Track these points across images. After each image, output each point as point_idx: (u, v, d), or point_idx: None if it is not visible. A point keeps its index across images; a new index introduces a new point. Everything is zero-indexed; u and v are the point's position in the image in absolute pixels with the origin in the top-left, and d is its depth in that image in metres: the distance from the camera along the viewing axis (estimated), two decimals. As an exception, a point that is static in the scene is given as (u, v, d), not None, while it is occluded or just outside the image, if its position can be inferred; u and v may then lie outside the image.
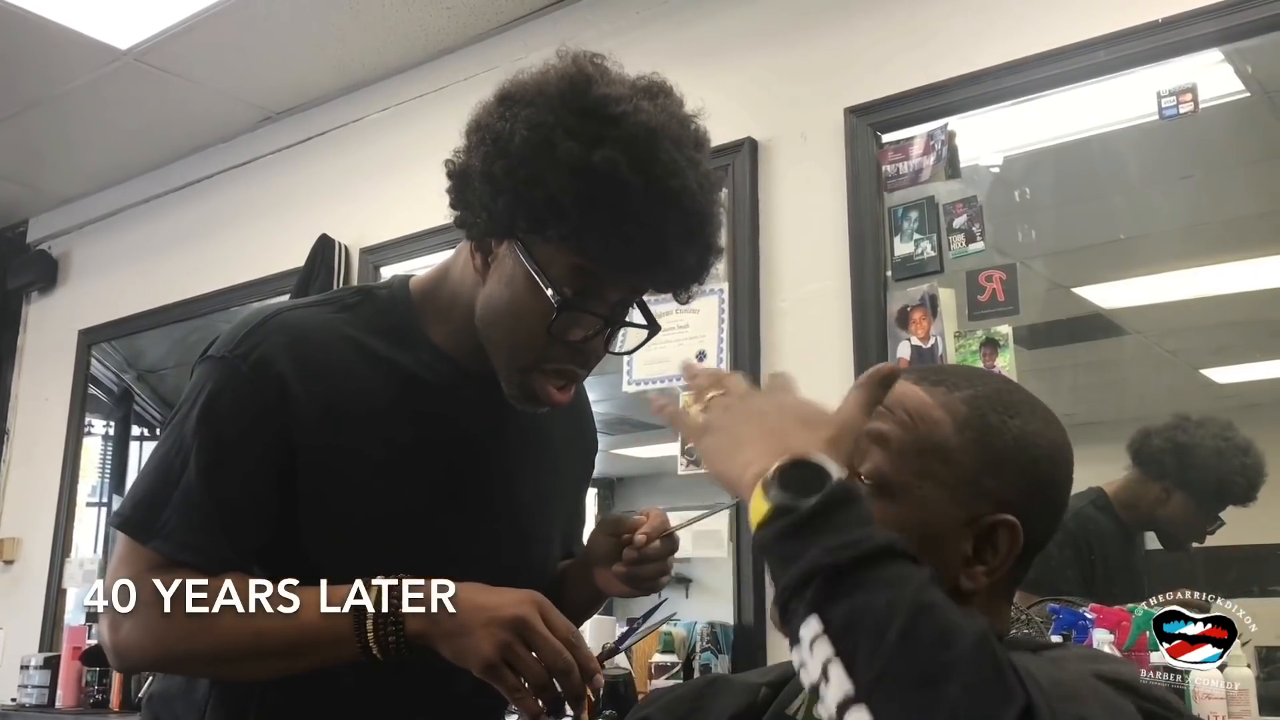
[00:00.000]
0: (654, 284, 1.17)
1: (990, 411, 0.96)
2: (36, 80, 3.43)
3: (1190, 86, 2.01)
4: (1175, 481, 2.06)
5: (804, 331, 2.40)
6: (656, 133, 1.07)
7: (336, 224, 3.34)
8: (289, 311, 1.21)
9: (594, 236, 1.08)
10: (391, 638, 1.06)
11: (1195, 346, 2.22)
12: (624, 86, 1.11)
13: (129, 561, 1.12)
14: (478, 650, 1.05)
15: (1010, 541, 0.93)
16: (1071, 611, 1.85)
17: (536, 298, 1.12)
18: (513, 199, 1.09)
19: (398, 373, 1.21)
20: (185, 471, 1.12)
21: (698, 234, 1.13)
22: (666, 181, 1.07)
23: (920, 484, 0.93)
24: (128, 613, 1.09)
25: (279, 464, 1.14)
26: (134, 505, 1.13)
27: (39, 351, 4.45)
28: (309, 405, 1.14)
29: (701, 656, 2.31)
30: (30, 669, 3.63)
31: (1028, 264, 2.22)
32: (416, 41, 3.17)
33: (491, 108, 1.14)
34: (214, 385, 1.14)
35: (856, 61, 2.43)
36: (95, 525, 4.12)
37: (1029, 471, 0.96)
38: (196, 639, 1.09)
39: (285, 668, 1.11)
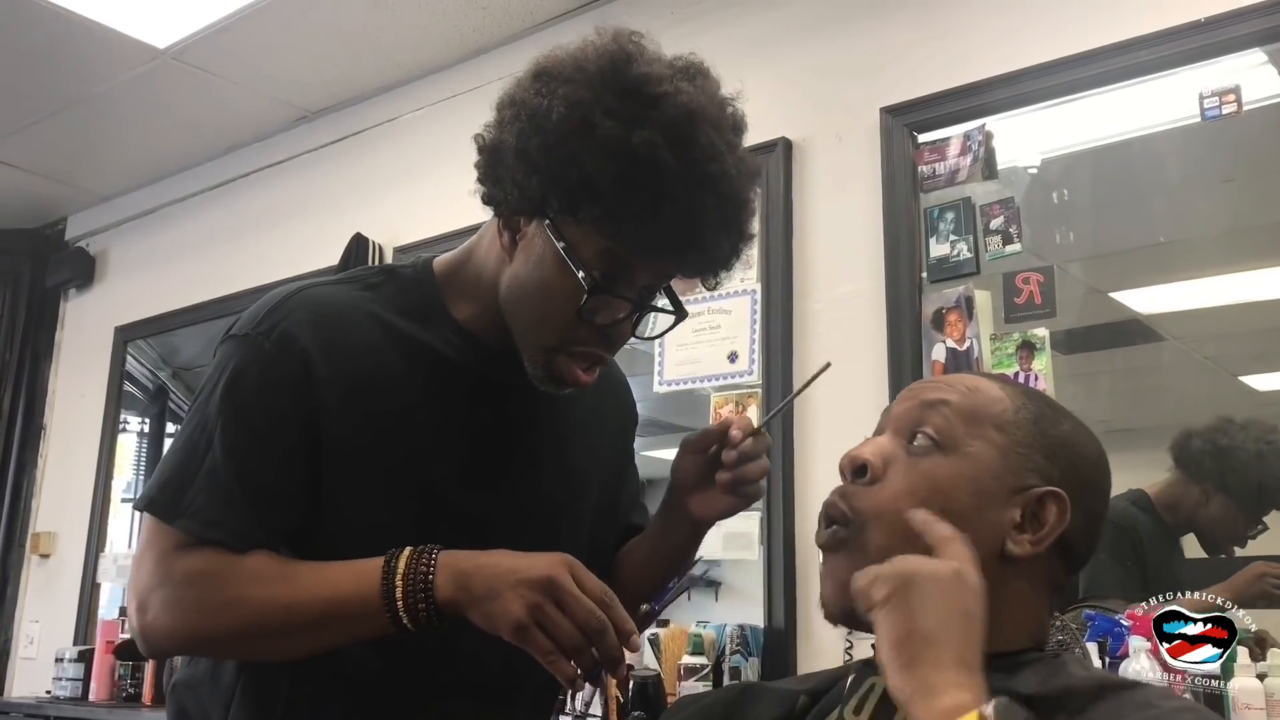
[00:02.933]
0: (685, 268, 1.15)
1: (1046, 407, 1.02)
2: (75, 79, 3.46)
3: (1234, 87, 1.98)
4: (1216, 483, 2.04)
5: (837, 333, 2.38)
6: (696, 115, 1.05)
7: (371, 223, 3.35)
8: (312, 288, 1.20)
9: (628, 218, 1.06)
10: (421, 605, 1.04)
11: (1234, 353, 2.19)
12: (663, 66, 1.09)
13: (155, 542, 1.10)
14: (507, 612, 1.02)
15: (1059, 515, 0.97)
16: (1107, 618, 1.82)
17: (566, 279, 1.10)
18: (547, 178, 1.07)
19: (422, 351, 1.19)
20: (211, 450, 1.10)
21: (733, 219, 1.11)
22: (705, 165, 1.05)
23: (973, 442, 0.97)
24: (155, 594, 1.08)
25: (305, 441, 1.12)
26: (160, 486, 1.12)
27: (76, 348, 4.49)
28: (333, 382, 1.13)
29: (731, 659, 2.29)
30: (65, 662, 3.67)
31: (1064, 267, 2.20)
32: (452, 41, 3.18)
33: (527, 83, 1.11)
34: (238, 363, 1.13)
35: (892, 61, 2.42)
36: (129, 521, 4.15)
37: (1079, 466, 1.00)
38: (224, 616, 1.08)
39: (316, 643, 1.09)
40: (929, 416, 0.99)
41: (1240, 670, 1.64)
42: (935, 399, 0.99)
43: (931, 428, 0.98)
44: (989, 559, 0.96)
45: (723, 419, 1.25)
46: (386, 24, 3.10)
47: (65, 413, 4.46)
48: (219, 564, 1.08)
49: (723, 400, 2.52)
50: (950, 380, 1.03)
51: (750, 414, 2.46)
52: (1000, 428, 0.98)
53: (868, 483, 0.97)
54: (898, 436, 1.00)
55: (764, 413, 2.42)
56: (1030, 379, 2.09)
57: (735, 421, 1.21)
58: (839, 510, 0.97)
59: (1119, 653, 1.75)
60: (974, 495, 0.96)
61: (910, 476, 0.97)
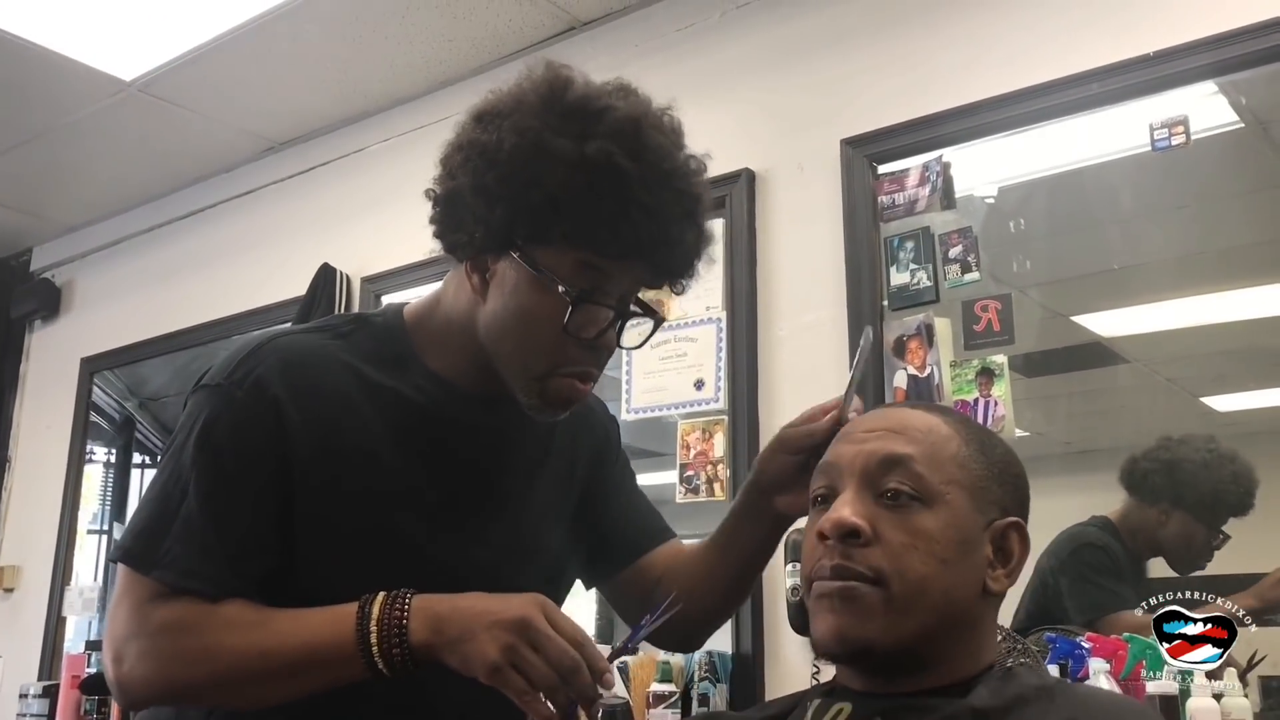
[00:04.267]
0: (657, 269, 1.18)
1: (979, 431, 1.07)
2: (42, 110, 3.46)
3: (1182, 119, 2.02)
4: (1170, 501, 2.06)
5: (801, 360, 2.41)
6: (640, 121, 1.11)
7: (338, 253, 3.36)
8: (283, 337, 1.21)
9: (600, 226, 1.09)
10: (396, 650, 1.05)
11: (1194, 375, 2.22)
12: (596, 87, 1.14)
13: (131, 592, 1.10)
14: (482, 654, 1.04)
15: (1021, 543, 1.03)
16: (1068, 640, 1.85)
17: (547, 300, 1.12)
18: (510, 206, 1.10)
19: (394, 398, 1.20)
20: (185, 499, 1.11)
21: (693, 212, 1.16)
22: (659, 164, 1.11)
23: (949, 489, 1.01)
24: (131, 645, 1.08)
25: (278, 488, 1.13)
26: (134, 536, 1.12)
27: (41, 379, 4.46)
28: (306, 430, 1.14)
29: (700, 686, 2.30)
30: (29, 697, 3.62)
31: (1024, 292, 2.23)
32: (418, 73, 3.20)
33: (470, 126, 1.16)
34: (210, 412, 1.14)
35: (852, 93, 2.46)
36: (96, 553, 4.11)
37: (1019, 485, 1.06)
38: (201, 665, 1.08)
39: (292, 690, 1.10)
40: (895, 472, 1.01)
41: (1197, 690, 1.66)
42: (897, 454, 1.02)
43: (905, 483, 1.00)
44: (973, 599, 1.00)
45: (816, 412, 1.23)
46: (353, 56, 3.12)
47: (30, 445, 4.42)
48: (194, 614, 1.09)
49: (690, 427, 2.53)
50: (892, 425, 1.05)
51: (717, 442, 2.48)
52: (961, 466, 1.02)
53: (862, 544, 0.99)
54: (864, 492, 1.02)
55: (730, 441, 2.44)
56: (990, 405, 2.12)
57: (829, 414, 1.19)
58: (855, 570, 0.99)
59: (1079, 675, 1.77)
60: (960, 542, 0.99)
61: (904, 532, 0.99)
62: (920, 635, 0.98)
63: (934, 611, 0.98)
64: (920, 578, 0.97)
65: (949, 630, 0.99)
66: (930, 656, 0.99)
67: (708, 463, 2.49)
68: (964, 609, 1.00)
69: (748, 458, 2.39)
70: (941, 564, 0.98)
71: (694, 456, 2.51)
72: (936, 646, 0.99)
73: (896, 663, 0.99)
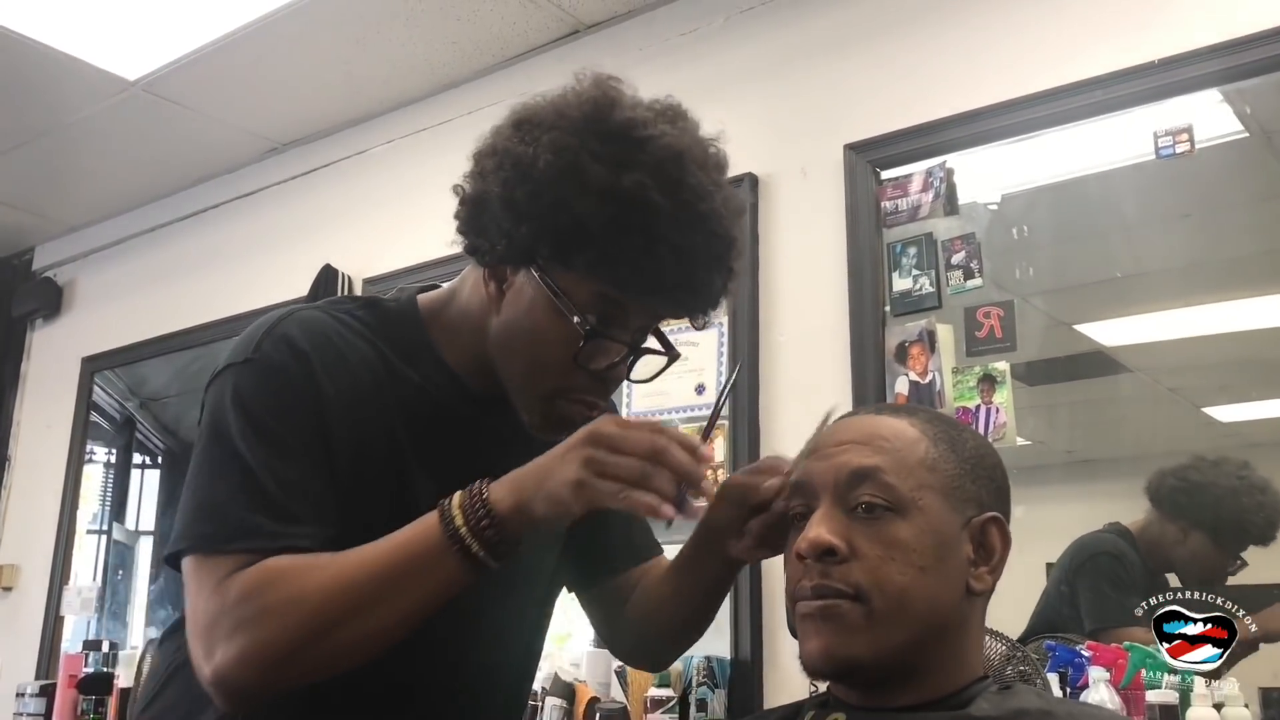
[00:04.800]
0: (677, 308, 1.15)
1: (948, 428, 1.06)
2: (45, 110, 3.46)
3: (1186, 127, 2.02)
4: (1192, 521, 2.03)
5: (803, 366, 2.40)
6: (682, 155, 1.06)
7: (340, 254, 3.35)
8: (301, 312, 1.18)
9: (623, 261, 1.06)
10: (485, 523, 1.01)
11: (1197, 384, 2.21)
12: (645, 110, 1.10)
13: (207, 579, 1.03)
14: (564, 480, 0.99)
15: (1002, 538, 1.02)
16: (1067, 649, 1.84)
17: (559, 326, 1.09)
18: (536, 225, 1.07)
19: (410, 385, 1.18)
20: (246, 473, 1.06)
21: (723, 257, 1.12)
22: (695, 205, 1.06)
23: (921, 495, 0.99)
24: (217, 629, 1.01)
25: (323, 444, 1.09)
26: (199, 522, 1.06)
27: (42, 378, 4.46)
28: (336, 398, 1.11)
29: (698, 691, 2.29)
30: (26, 697, 3.61)
31: (1027, 300, 2.23)
32: (422, 75, 3.20)
33: (508, 132, 1.11)
34: (246, 386, 1.10)
35: (856, 99, 2.45)
36: (95, 553, 4.11)
37: (994, 476, 1.05)
38: (291, 614, 1.00)
39: (391, 613, 1.02)
40: (865, 484, 1.00)
41: (1197, 700, 1.65)
42: (865, 466, 1.01)
43: (877, 494, 0.99)
44: (957, 603, 0.99)
45: (765, 470, 1.18)
46: (357, 58, 3.12)
47: (30, 444, 4.42)
48: (271, 568, 1.03)
49: (690, 432, 2.52)
50: (859, 436, 1.04)
51: (718, 448, 2.47)
52: (931, 469, 1.01)
53: (839, 561, 0.98)
54: (837, 508, 1.01)
55: (731, 447, 2.44)
56: (991, 412, 2.11)
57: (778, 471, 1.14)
58: (835, 588, 0.98)
59: (1079, 683, 1.77)
60: (937, 547, 0.99)
61: (880, 545, 0.98)
62: (907, 646, 0.97)
63: (918, 620, 0.97)
64: (900, 589, 0.96)
65: (936, 637, 0.99)
66: (920, 665, 0.99)
67: (708, 468, 2.47)
68: (949, 614, 0.99)
69: (748, 463, 2.37)
70: (920, 572, 0.97)
71: (694, 461, 2.49)
72: (925, 655, 0.99)
73: (886, 676, 0.99)
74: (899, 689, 0.99)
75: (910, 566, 0.97)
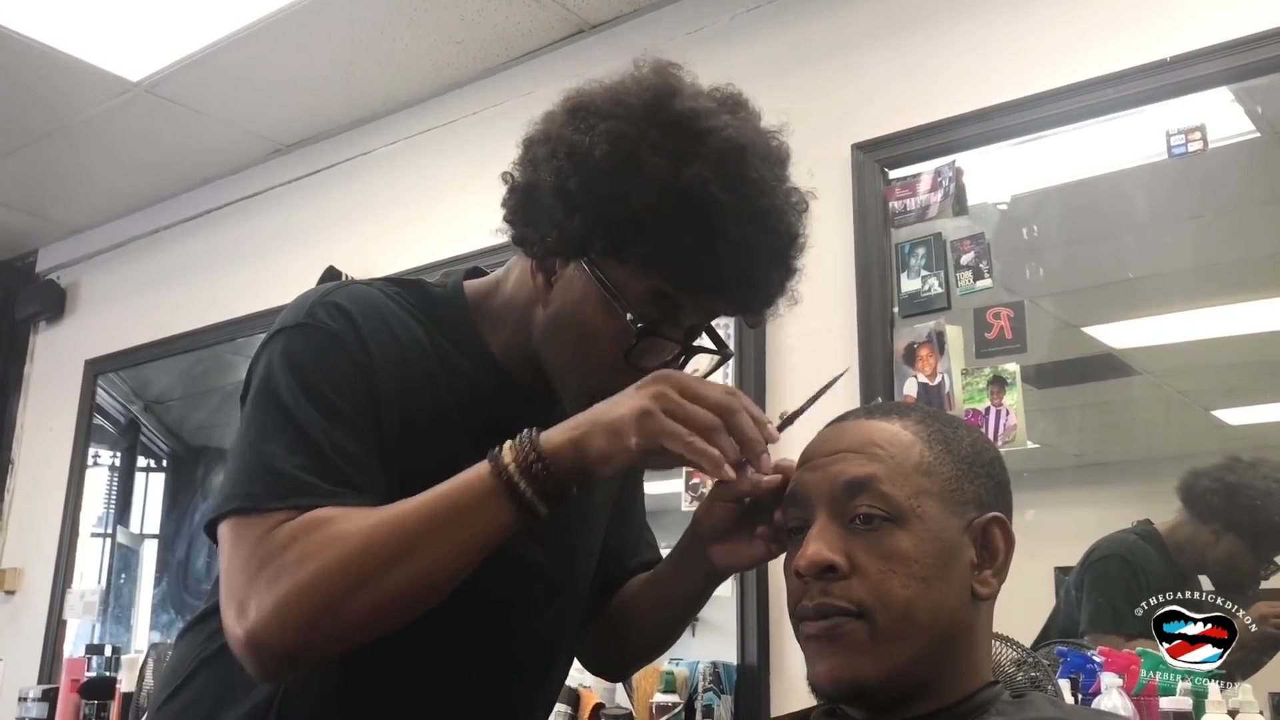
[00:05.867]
0: (734, 307, 1.12)
1: (943, 427, 1.03)
2: (48, 111, 3.45)
3: (1199, 125, 2.00)
4: (1225, 523, 1.99)
5: (810, 367, 2.38)
6: (745, 149, 1.03)
7: (344, 256, 3.33)
8: (355, 285, 1.15)
9: (680, 257, 1.03)
10: (534, 456, 0.96)
11: (1206, 387, 2.19)
12: (707, 99, 1.07)
13: (246, 538, 0.98)
14: (630, 407, 0.95)
15: (1005, 539, 1.00)
16: (1079, 654, 1.82)
17: (611, 322, 1.06)
18: (590, 217, 1.03)
19: (461, 371, 1.15)
20: (296, 433, 1.01)
21: (784, 254, 1.09)
22: (756, 200, 1.03)
23: (919, 502, 0.96)
24: (255, 584, 0.95)
25: (372, 414, 1.06)
26: (247, 481, 1.00)
27: (45, 381, 4.45)
28: (387, 370, 1.08)
29: (704, 697, 2.28)
30: (28, 701, 3.61)
31: (1036, 302, 2.21)
32: (426, 76, 3.18)
33: (562, 119, 1.08)
34: (300, 348, 1.06)
35: (863, 97, 2.44)
36: (99, 556, 4.10)
37: (993, 473, 1.02)
38: (329, 554, 0.95)
39: (438, 556, 0.97)
40: (862, 495, 0.97)
41: (1211, 706, 1.63)
42: (860, 476, 0.97)
43: (874, 505, 0.96)
44: (963, 608, 0.97)
45: None
46: (361, 58, 3.11)
47: (33, 447, 4.41)
48: (313, 515, 0.98)
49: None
50: (853, 444, 1.00)
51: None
52: (927, 473, 0.98)
53: (840, 578, 0.96)
54: (835, 522, 0.98)
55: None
56: (1001, 414, 2.09)
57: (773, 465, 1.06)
58: (837, 606, 0.95)
59: (1091, 689, 1.75)
60: (939, 555, 0.95)
61: (880, 558, 0.95)
62: (914, 660, 0.95)
63: (924, 633, 0.94)
64: (904, 603, 0.94)
65: (943, 647, 0.96)
66: (928, 677, 0.96)
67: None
68: (955, 622, 0.97)
69: (754, 467, 2.36)
70: (923, 583, 0.94)
71: (700, 464, 2.48)
72: (933, 666, 0.96)
73: (895, 694, 0.96)
74: (908, 703, 0.97)
75: (912, 578, 0.94)
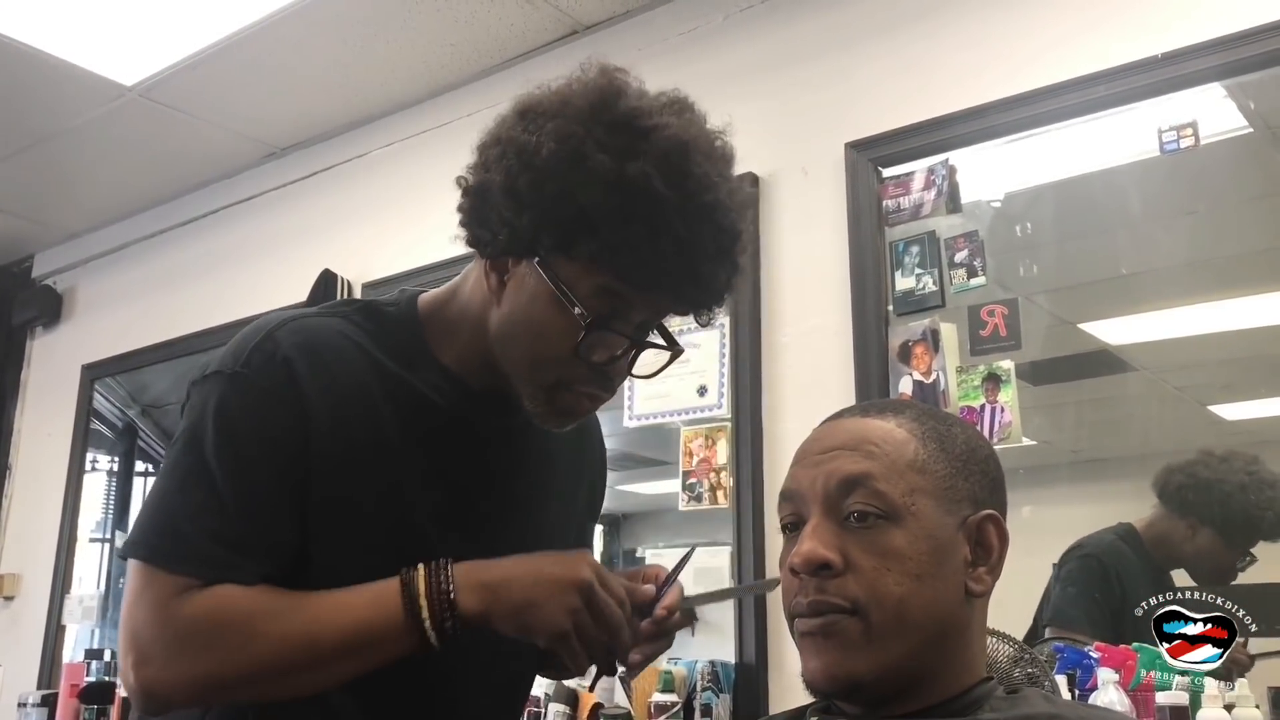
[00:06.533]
0: (680, 303, 1.14)
1: (937, 424, 1.03)
2: (43, 116, 3.45)
3: (1191, 122, 2.00)
4: (1200, 517, 2.01)
5: (805, 366, 2.39)
6: (688, 146, 1.05)
7: (340, 259, 3.34)
8: (297, 320, 1.16)
9: (626, 251, 1.05)
10: (449, 622, 1.04)
11: (1202, 382, 2.20)
12: (650, 100, 1.09)
13: (151, 589, 1.04)
14: (550, 622, 1.04)
15: (999, 536, 1.00)
16: (1076, 650, 1.82)
17: (561, 317, 1.08)
18: (538, 214, 1.06)
19: (409, 391, 1.16)
20: (210, 490, 1.06)
21: (728, 250, 1.10)
22: (700, 196, 1.05)
23: (913, 499, 0.97)
24: (158, 645, 1.03)
25: (299, 473, 1.09)
26: (155, 532, 1.06)
27: (42, 386, 4.45)
28: (324, 415, 1.10)
29: (703, 696, 2.28)
30: (28, 707, 3.60)
31: (1030, 299, 2.21)
32: (420, 78, 3.18)
33: (512, 121, 1.10)
34: (228, 399, 1.09)
35: (857, 96, 2.44)
36: (97, 561, 4.10)
37: (987, 470, 1.03)
38: (241, 656, 1.03)
39: (341, 673, 1.06)
40: (856, 493, 0.98)
41: (1208, 701, 1.64)
42: (855, 474, 0.98)
43: (869, 503, 0.97)
44: (957, 605, 0.97)
45: (653, 572, 1.19)
46: (355, 61, 3.11)
47: (31, 452, 4.41)
48: (227, 604, 1.04)
49: (692, 434, 2.51)
50: (847, 441, 1.01)
51: (720, 450, 2.45)
52: (921, 471, 0.98)
53: (834, 575, 0.96)
54: (829, 520, 0.98)
55: (734, 448, 2.43)
56: (996, 411, 2.09)
57: (670, 595, 1.14)
58: (832, 603, 0.96)
59: (1088, 685, 1.75)
60: (933, 552, 0.96)
61: (874, 555, 0.96)
62: (907, 657, 0.95)
63: (918, 630, 0.95)
64: (898, 600, 0.94)
65: (937, 644, 0.97)
66: (921, 673, 0.97)
67: (711, 470, 2.47)
68: (949, 619, 0.97)
69: (751, 465, 2.37)
70: (917, 580, 0.95)
71: (697, 464, 2.49)
72: (926, 662, 0.97)
73: (889, 690, 0.97)
74: (902, 699, 0.97)
75: (906, 576, 0.95)
